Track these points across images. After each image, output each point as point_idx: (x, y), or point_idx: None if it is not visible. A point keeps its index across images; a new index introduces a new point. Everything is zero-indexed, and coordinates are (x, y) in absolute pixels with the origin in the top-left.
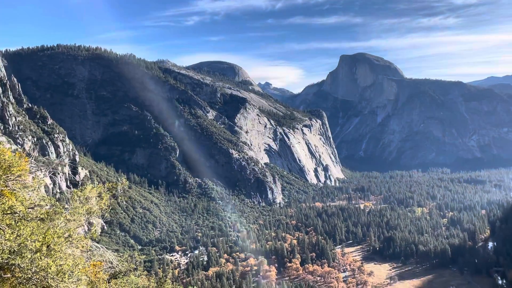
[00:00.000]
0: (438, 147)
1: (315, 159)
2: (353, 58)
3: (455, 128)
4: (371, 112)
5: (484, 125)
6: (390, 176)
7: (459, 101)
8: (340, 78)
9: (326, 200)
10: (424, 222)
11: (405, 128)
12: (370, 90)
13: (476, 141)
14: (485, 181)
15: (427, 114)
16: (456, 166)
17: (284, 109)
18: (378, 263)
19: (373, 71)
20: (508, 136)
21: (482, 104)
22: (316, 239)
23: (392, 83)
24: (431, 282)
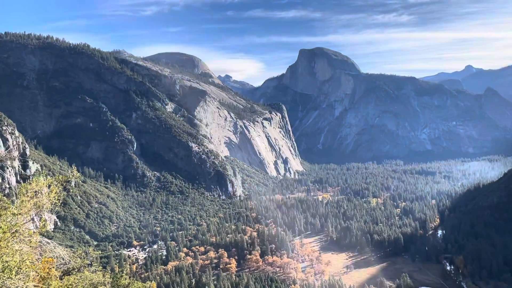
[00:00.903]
0: (392, 140)
1: (275, 152)
2: (312, 53)
3: (408, 121)
4: (329, 106)
5: (435, 119)
6: (347, 168)
7: (412, 95)
8: (300, 72)
9: (285, 192)
10: (379, 212)
11: (361, 122)
12: (328, 84)
13: (427, 134)
14: (435, 172)
15: (382, 108)
16: (408, 158)
17: (245, 102)
18: (335, 252)
19: (331, 65)
20: (456, 130)
21: (433, 99)
22: (276, 231)
23: (349, 78)
24: (385, 270)
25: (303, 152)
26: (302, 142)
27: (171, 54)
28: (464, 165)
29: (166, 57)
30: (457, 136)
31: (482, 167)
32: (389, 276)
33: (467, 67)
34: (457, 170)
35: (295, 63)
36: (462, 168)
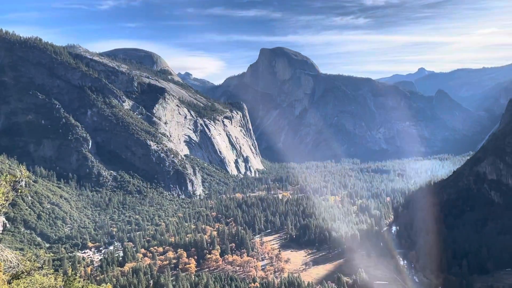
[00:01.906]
0: (350, 139)
1: (235, 151)
2: (273, 52)
3: (364, 121)
4: (290, 105)
5: (390, 119)
6: (307, 166)
7: (368, 96)
8: (260, 71)
9: (246, 191)
10: (337, 209)
11: (321, 121)
12: (288, 83)
13: (383, 134)
14: (390, 170)
15: (340, 108)
16: (365, 157)
17: (205, 100)
18: (294, 250)
19: (292, 65)
20: (410, 130)
21: (388, 100)
22: (236, 229)
23: (309, 78)
24: (342, 266)
25: (263, 150)
26: (263, 140)
27: (129, 50)
28: (416, 164)
29: (123, 53)
30: (410, 136)
31: (433, 166)
32: (346, 272)
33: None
34: (410, 168)
35: (256, 62)
36: (415, 166)
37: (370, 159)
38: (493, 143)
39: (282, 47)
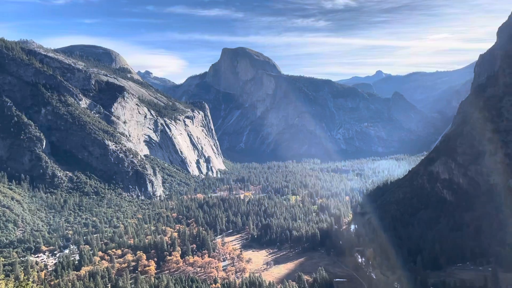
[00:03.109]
0: (310, 139)
1: (197, 151)
2: (235, 52)
3: (325, 122)
4: (252, 106)
5: (349, 120)
6: (268, 167)
7: (328, 97)
8: (222, 71)
9: (207, 191)
10: (298, 209)
11: (282, 122)
12: (250, 84)
13: (342, 134)
14: (349, 170)
15: (301, 109)
16: (325, 157)
17: (166, 100)
18: (256, 250)
19: (254, 66)
20: (368, 130)
21: (347, 101)
22: (197, 230)
23: (271, 79)
24: (303, 265)
25: (225, 151)
26: (224, 141)
27: (86, 47)
28: (374, 164)
29: (80, 49)
30: (368, 137)
31: (390, 166)
32: (307, 271)
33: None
34: (368, 168)
35: (218, 61)
36: (372, 166)
37: (330, 159)
38: (445, 144)
39: (244, 47)
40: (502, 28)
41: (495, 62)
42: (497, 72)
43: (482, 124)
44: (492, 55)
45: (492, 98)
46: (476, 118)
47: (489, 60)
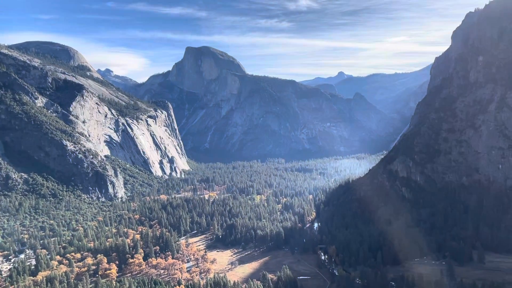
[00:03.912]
0: (275, 139)
1: (160, 151)
2: (199, 51)
3: (289, 122)
4: (216, 105)
5: (312, 120)
6: (233, 166)
7: (292, 98)
8: (186, 70)
9: (171, 192)
10: (262, 208)
11: (247, 122)
12: (215, 83)
13: (306, 134)
14: (312, 169)
15: (266, 108)
16: (289, 156)
17: (127, 99)
18: (221, 250)
19: (218, 65)
20: (330, 130)
21: (310, 102)
22: (161, 232)
23: (235, 78)
24: (267, 263)
25: (189, 151)
26: (188, 141)
27: (43, 44)
28: (336, 163)
29: (36, 46)
30: (331, 136)
31: (351, 164)
32: (271, 269)
33: (339, 73)
34: (331, 167)
35: (182, 60)
36: (335, 165)
37: (294, 159)
38: (404, 143)
39: (209, 47)
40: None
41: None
42: (452, 74)
43: (437, 124)
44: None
45: (447, 99)
46: (432, 119)
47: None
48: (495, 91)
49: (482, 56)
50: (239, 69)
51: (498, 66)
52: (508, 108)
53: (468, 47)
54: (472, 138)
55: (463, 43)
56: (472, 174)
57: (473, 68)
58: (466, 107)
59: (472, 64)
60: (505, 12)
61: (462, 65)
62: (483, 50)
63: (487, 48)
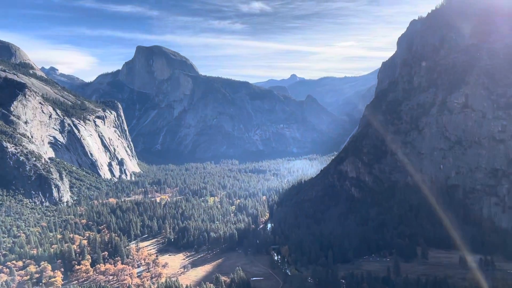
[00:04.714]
0: (228, 140)
1: (109, 153)
2: (150, 50)
3: (242, 123)
4: (168, 106)
5: (266, 121)
6: (186, 168)
7: (246, 99)
8: (137, 70)
9: (121, 195)
10: (216, 210)
11: (200, 123)
12: (167, 83)
13: (259, 135)
14: (266, 170)
15: (220, 110)
16: (243, 157)
17: (74, 98)
18: (173, 254)
19: (170, 65)
20: (283, 132)
21: (264, 103)
22: (109, 236)
23: (188, 79)
24: (220, 266)
25: (140, 152)
26: (139, 142)
27: None
28: (289, 164)
29: None
30: (284, 138)
31: (303, 165)
32: (225, 271)
33: (292, 76)
34: (284, 168)
35: (132, 59)
36: (288, 166)
37: (248, 160)
38: (353, 145)
39: (160, 46)
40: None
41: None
42: (397, 78)
43: (384, 126)
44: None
45: (393, 102)
46: (379, 121)
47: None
48: (436, 95)
49: (425, 62)
50: (192, 69)
51: (439, 72)
52: (449, 111)
53: (412, 53)
54: (416, 139)
55: (408, 49)
56: (416, 174)
57: (416, 73)
58: (411, 110)
59: (415, 69)
60: (445, 21)
61: (407, 70)
62: (425, 56)
63: (429, 55)
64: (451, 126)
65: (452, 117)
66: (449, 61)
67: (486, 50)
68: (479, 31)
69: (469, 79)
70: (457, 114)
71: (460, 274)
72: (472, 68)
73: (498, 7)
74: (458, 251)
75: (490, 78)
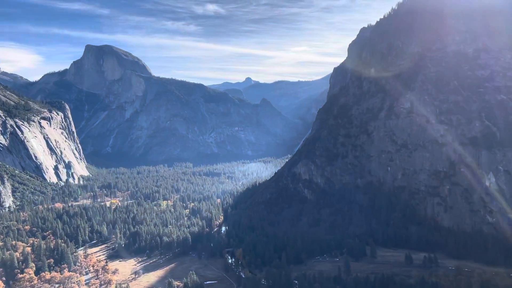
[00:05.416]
0: (182, 143)
1: (55, 156)
2: (100, 50)
3: (197, 126)
4: (120, 107)
5: (220, 124)
6: (138, 171)
7: (200, 101)
8: (86, 69)
9: (68, 200)
10: (169, 214)
11: (153, 125)
12: (118, 84)
13: (214, 138)
14: (221, 173)
15: (173, 112)
16: (197, 160)
17: (17, 98)
18: (124, 259)
19: (122, 65)
20: (238, 134)
21: (219, 106)
22: (55, 243)
23: (141, 80)
24: (173, 270)
25: (89, 155)
26: (88, 144)
27: None
28: (244, 166)
29: None
30: (239, 140)
31: (258, 168)
32: (178, 276)
33: (247, 79)
34: (239, 170)
35: (81, 59)
36: (242, 169)
37: (202, 163)
38: (306, 147)
39: (111, 46)
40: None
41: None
42: (348, 84)
43: (336, 130)
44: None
45: (344, 107)
46: (331, 124)
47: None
48: (384, 100)
49: (373, 68)
50: (144, 70)
51: (387, 78)
52: (396, 116)
53: (362, 59)
54: (365, 143)
55: (358, 55)
56: (365, 176)
57: (366, 79)
58: (360, 115)
59: (365, 75)
60: (393, 29)
61: (357, 76)
62: (374, 63)
63: (378, 61)
64: (397, 130)
65: (398, 122)
66: (396, 68)
67: (429, 58)
68: (424, 40)
69: (414, 85)
70: (403, 118)
71: (406, 271)
72: (417, 75)
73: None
74: (404, 250)
75: (433, 85)
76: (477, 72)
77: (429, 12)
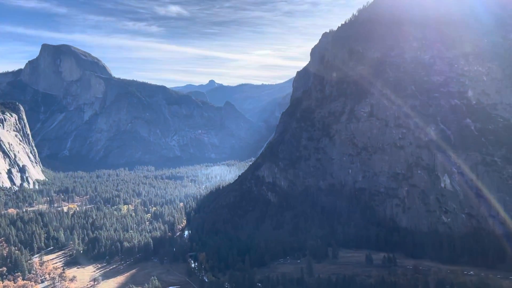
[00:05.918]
0: (144, 146)
1: (9, 159)
2: (58, 49)
3: (159, 128)
4: (78, 109)
5: (183, 127)
6: (97, 175)
7: (163, 104)
8: (42, 69)
9: (22, 205)
10: (130, 219)
11: (113, 127)
12: (76, 85)
13: (177, 141)
14: (184, 176)
15: (135, 114)
16: (160, 164)
17: None
18: (82, 266)
19: (80, 66)
20: (201, 137)
21: (182, 108)
22: (8, 250)
23: (100, 81)
24: (134, 276)
25: (46, 159)
26: (45, 147)
27: None
28: (207, 170)
29: None
30: (202, 143)
31: (222, 171)
32: (139, 282)
33: (210, 82)
34: (202, 174)
35: (37, 58)
36: (206, 172)
37: (165, 166)
38: (270, 150)
39: (69, 45)
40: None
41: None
42: (310, 87)
43: (298, 133)
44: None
45: (307, 110)
46: (294, 127)
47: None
48: (346, 104)
49: (335, 73)
50: (104, 71)
51: (348, 82)
52: (356, 119)
53: (324, 63)
54: (327, 146)
55: (320, 60)
56: (328, 178)
57: (328, 83)
58: (323, 118)
59: (327, 79)
60: (353, 35)
61: (319, 80)
62: (336, 67)
63: (339, 66)
64: (358, 133)
65: (359, 125)
66: (357, 72)
67: (389, 63)
68: (383, 46)
69: (374, 90)
70: (363, 122)
71: (366, 271)
72: (377, 80)
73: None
74: (365, 250)
75: (391, 90)
76: (433, 78)
77: (388, 19)
